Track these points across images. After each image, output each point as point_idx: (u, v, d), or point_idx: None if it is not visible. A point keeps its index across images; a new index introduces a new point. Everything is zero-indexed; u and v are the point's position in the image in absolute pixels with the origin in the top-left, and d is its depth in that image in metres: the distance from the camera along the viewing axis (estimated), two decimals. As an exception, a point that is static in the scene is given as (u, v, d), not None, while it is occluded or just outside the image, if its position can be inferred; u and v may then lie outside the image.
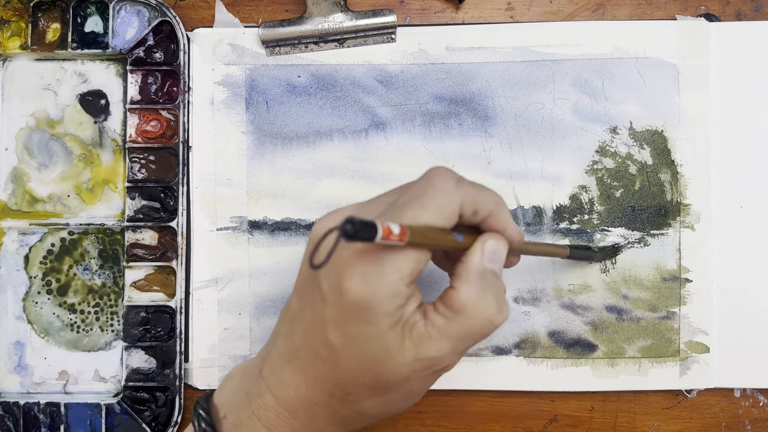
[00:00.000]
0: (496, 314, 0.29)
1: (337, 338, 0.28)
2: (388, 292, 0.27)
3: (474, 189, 0.29)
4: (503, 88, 0.43)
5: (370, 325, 0.27)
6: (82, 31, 0.43)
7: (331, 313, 0.28)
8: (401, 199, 0.28)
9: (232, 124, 0.43)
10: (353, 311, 0.27)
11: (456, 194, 0.28)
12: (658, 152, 0.42)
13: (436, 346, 0.28)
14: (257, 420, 0.31)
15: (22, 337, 0.43)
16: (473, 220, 0.29)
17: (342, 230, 0.23)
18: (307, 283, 0.30)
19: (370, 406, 0.30)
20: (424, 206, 0.27)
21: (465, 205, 0.28)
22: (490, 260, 0.29)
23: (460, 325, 0.28)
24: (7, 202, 0.43)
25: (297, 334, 0.30)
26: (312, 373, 0.29)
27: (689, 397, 0.42)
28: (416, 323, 0.28)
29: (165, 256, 0.42)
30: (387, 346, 0.27)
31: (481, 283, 0.29)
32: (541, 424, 0.42)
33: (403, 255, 0.27)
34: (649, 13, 0.43)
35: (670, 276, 0.42)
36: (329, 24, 0.42)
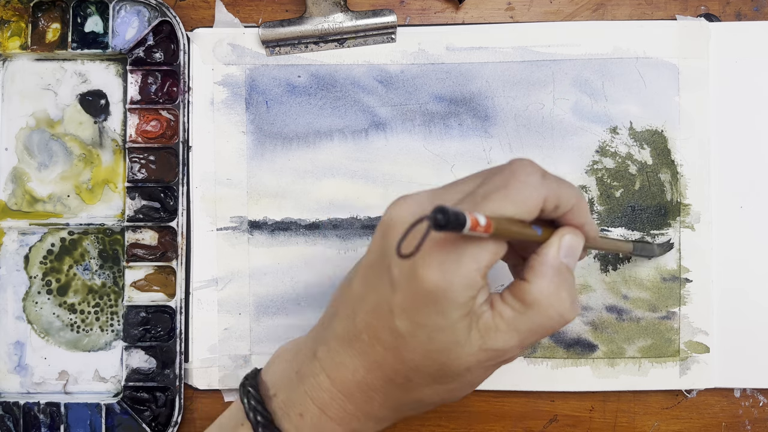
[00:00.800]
0: (569, 310, 0.28)
1: (405, 325, 0.27)
2: (464, 282, 0.26)
3: (557, 183, 0.28)
4: (503, 88, 0.43)
5: (442, 314, 0.27)
6: (82, 31, 0.43)
7: (401, 300, 0.27)
8: (482, 188, 0.27)
9: (232, 124, 0.43)
10: (426, 300, 0.26)
11: (541, 188, 0.27)
12: (658, 152, 0.42)
13: (503, 338, 0.28)
14: (310, 400, 0.30)
15: (22, 337, 0.43)
16: (553, 215, 0.29)
17: (433, 220, 0.22)
18: (375, 268, 0.29)
19: (428, 394, 0.30)
20: (508, 198, 0.26)
21: (548, 200, 0.28)
22: (566, 255, 0.29)
23: (530, 319, 0.28)
24: (7, 202, 0.43)
25: (359, 317, 0.29)
26: (372, 358, 0.29)
27: (689, 397, 0.42)
28: (483, 313, 0.28)
29: (165, 256, 0.42)
30: (455, 336, 0.27)
31: (557, 278, 0.28)
32: (541, 424, 0.42)
33: (482, 246, 0.26)
34: (649, 13, 0.43)
35: (670, 276, 0.42)
36: (329, 24, 0.42)
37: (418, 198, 0.28)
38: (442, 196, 0.28)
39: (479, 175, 0.29)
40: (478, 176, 0.29)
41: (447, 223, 0.22)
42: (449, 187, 0.29)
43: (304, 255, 0.42)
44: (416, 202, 0.28)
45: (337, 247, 0.42)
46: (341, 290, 0.31)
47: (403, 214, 0.28)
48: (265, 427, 0.30)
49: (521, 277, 0.29)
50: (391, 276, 0.27)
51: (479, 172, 0.29)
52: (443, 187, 0.29)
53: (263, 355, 0.42)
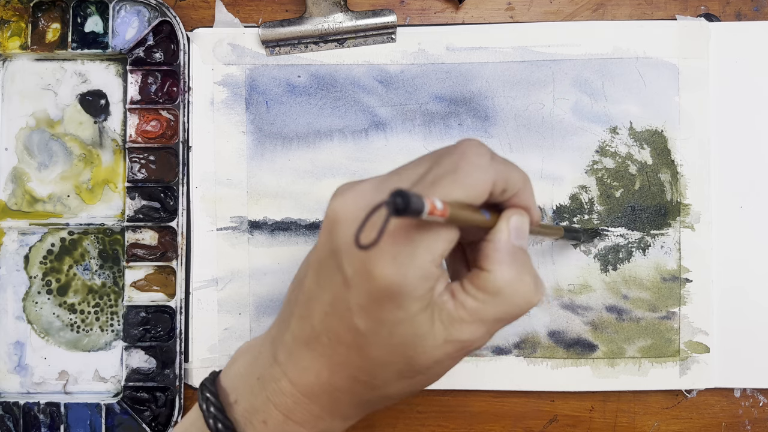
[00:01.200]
0: (534, 294, 0.27)
1: (365, 324, 0.26)
2: (419, 274, 0.25)
3: (505, 166, 0.28)
4: (503, 88, 0.43)
5: (401, 309, 0.26)
6: (82, 31, 0.43)
7: (357, 298, 0.26)
8: (431, 173, 0.26)
9: (232, 124, 0.43)
10: (383, 296, 0.25)
11: (490, 171, 0.26)
12: (658, 152, 0.42)
13: (468, 329, 0.27)
14: (273, 406, 0.29)
15: (22, 337, 0.43)
16: (500, 198, 0.28)
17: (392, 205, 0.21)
18: (326, 263, 0.27)
19: (395, 389, 0.29)
20: (457, 182, 0.25)
21: (497, 183, 0.27)
22: (517, 237, 0.28)
23: (496, 308, 0.27)
24: (7, 202, 0.43)
25: (316, 318, 0.28)
26: (334, 359, 0.28)
27: (689, 397, 0.42)
28: (445, 304, 0.27)
29: (165, 256, 0.42)
30: (417, 330, 0.26)
31: (515, 263, 0.27)
32: (541, 424, 0.42)
33: (435, 234, 0.25)
34: (649, 13, 0.43)
35: (670, 276, 0.42)
36: (329, 24, 0.42)
37: (363, 188, 0.27)
38: (389, 183, 0.27)
39: (426, 158, 0.28)
40: (425, 159, 0.28)
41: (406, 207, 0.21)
42: (394, 173, 0.27)
43: (304, 255, 0.42)
44: (361, 193, 0.26)
45: (337, 247, 0.42)
46: (293, 290, 0.30)
47: (349, 206, 0.26)
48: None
49: (478, 266, 0.28)
50: (344, 273, 0.26)
51: (426, 155, 0.28)
52: (388, 174, 0.28)
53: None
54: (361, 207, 0.26)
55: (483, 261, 0.27)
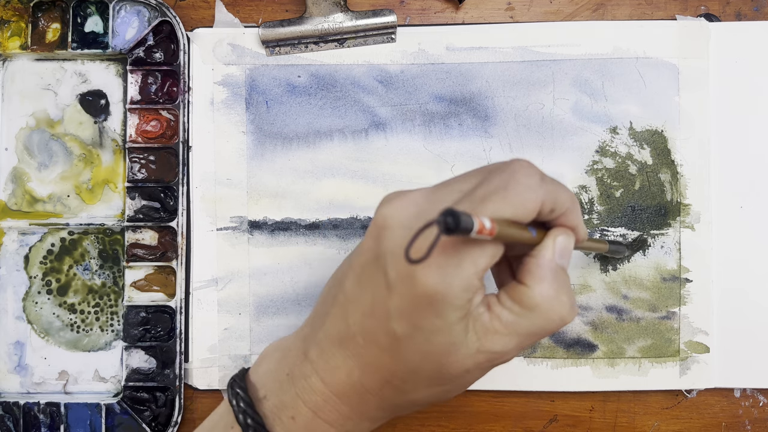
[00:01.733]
0: (569, 313, 0.28)
1: (402, 328, 0.27)
2: (462, 285, 0.26)
3: (555, 186, 0.28)
4: (503, 88, 0.43)
5: (440, 317, 0.26)
6: (82, 31, 0.43)
7: (398, 303, 0.27)
8: (481, 189, 0.27)
9: (232, 124, 0.43)
10: (423, 302, 0.26)
11: (539, 191, 0.27)
12: (658, 152, 0.42)
13: (501, 341, 0.28)
14: (302, 403, 0.30)
15: (22, 337, 0.43)
16: (547, 217, 0.29)
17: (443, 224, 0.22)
18: (369, 267, 0.28)
19: (423, 395, 0.29)
20: (507, 200, 0.26)
21: (546, 203, 0.27)
22: (560, 256, 0.29)
23: (530, 323, 0.28)
24: (7, 202, 0.43)
25: (352, 318, 0.29)
26: (367, 360, 0.29)
27: (689, 397, 0.42)
28: (480, 315, 0.27)
29: (165, 256, 0.42)
30: (452, 338, 0.27)
31: (556, 281, 0.28)
32: (541, 424, 0.42)
33: (481, 249, 0.26)
34: (649, 13, 0.43)
35: (670, 276, 0.42)
36: (329, 24, 0.42)
37: (414, 197, 0.28)
38: (438, 195, 0.28)
39: (476, 173, 0.29)
40: (474, 174, 0.28)
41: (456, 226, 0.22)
42: (445, 186, 0.28)
43: (304, 255, 0.42)
44: (412, 202, 0.27)
45: (337, 247, 0.42)
46: (332, 290, 0.31)
47: (399, 214, 0.27)
48: (256, 431, 0.30)
49: (518, 280, 0.29)
50: (387, 278, 0.27)
51: (476, 170, 0.29)
52: (438, 186, 0.29)
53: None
54: (410, 216, 0.27)
55: (524, 276, 0.28)
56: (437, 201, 0.27)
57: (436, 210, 0.27)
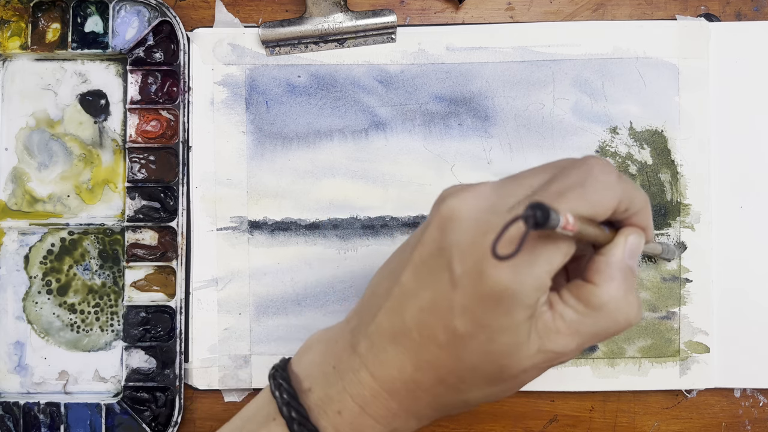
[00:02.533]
0: (636, 315, 0.27)
1: (465, 326, 0.26)
2: (535, 284, 0.25)
3: (630, 186, 0.27)
4: (503, 88, 0.43)
5: (508, 316, 0.25)
6: (82, 31, 0.43)
7: (463, 299, 0.25)
8: (555, 185, 0.26)
9: (232, 124, 0.43)
10: (491, 300, 0.25)
11: (617, 189, 0.26)
12: (658, 152, 0.42)
13: (563, 341, 0.27)
14: (349, 397, 0.29)
15: (22, 337, 0.43)
16: (620, 216, 0.28)
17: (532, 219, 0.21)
18: (431, 260, 0.27)
19: (477, 396, 0.28)
20: (585, 197, 0.25)
21: (622, 202, 0.27)
22: (630, 256, 0.28)
23: (595, 323, 0.27)
24: (7, 202, 0.43)
25: (409, 313, 0.27)
26: (423, 356, 0.27)
27: (689, 397, 0.42)
28: (543, 314, 0.27)
29: (165, 256, 0.42)
30: (517, 338, 0.26)
31: (625, 281, 0.27)
32: (541, 424, 0.42)
33: (555, 246, 0.25)
34: (649, 13, 0.43)
35: (670, 276, 0.42)
36: (329, 24, 0.42)
37: (482, 190, 0.27)
38: (508, 189, 0.27)
39: (547, 168, 0.28)
40: (545, 169, 0.27)
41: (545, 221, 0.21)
42: (513, 180, 0.27)
43: (304, 255, 0.42)
44: (481, 195, 0.26)
45: (337, 247, 0.42)
46: (383, 282, 0.29)
47: (468, 206, 0.26)
48: (301, 424, 0.28)
49: (585, 279, 0.27)
50: (452, 272, 0.26)
51: (546, 165, 0.28)
52: (505, 181, 0.27)
53: (263, 355, 0.42)
54: (481, 209, 0.26)
55: (592, 274, 0.27)
56: (507, 195, 0.26)
57: (506, 204, 0.26)
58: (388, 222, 0.42)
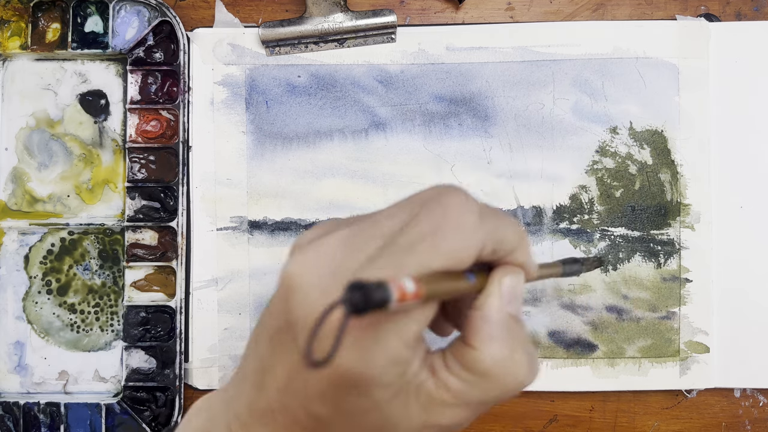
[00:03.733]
0: (527, 375, 0.23)
1: (324, 411, 0.23)
2: (387, 360, 0.21)
3: (497, 223, 0.23)
4: (503, 88, 0.43)
5: (366, 397, 0.22)
6: (82, 31, 0.43)
7: (316, 383, 0.22)
8: (406, 234, 0.22)
9: (232, 124, 0.43)
10: (343, 384, 0.22)
11: (478, 233, 0.22)
12: (658, 152, 0.42)
13: (450, 413, 0.23)
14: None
15: (22, 337, 0.43)
16: (489, 258, 0.24)
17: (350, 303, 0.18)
18: (281, 335, 0.23)
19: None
20: (437, 248, 0.21)
21: (486, 246, 0.23)
22: (510, 302, 0.24)
23: (484, 392, 0.23)
24: (7, 202, 0.43)
25: (270, 392, 0.24)
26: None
27: (689, 397, 0.42)
28: (423, 383, 0.23)
29: (165, 256, 0.42)
30: (388, 417, 0.23)
31: (508, 338, 0.23)
32: (541, 424, 0.42)
33: (407, 314, 0.21)
34: (649, 13, 0.43)
35: (670, 276, 0.42)
36: (329, 24, 0.42)
37: (327, 248, 0.22)
38: (359, 242, 0.22)
39: (405, 205, 0.24)
40: (403, 208, 0.24)
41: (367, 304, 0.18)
42: (369, 226, 0.23)
43: (304, 255, 0.42)
44: (325, 255, 0.22)
45: (337, 247, 0.42)
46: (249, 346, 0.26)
47: (308, 273, 0.22)
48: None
49: (464, 340, 0.24)
50: (301, 351, 0.22)
51: (406, 201, 0.24)
52: (361, 226, 0.23)
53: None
54: (323, 275, 0.22)
55: (470, 336, 0.23)
56: (356, 249, 0.22)
57: (355, 262, 0.22)
58: (388, 222, 0.42)
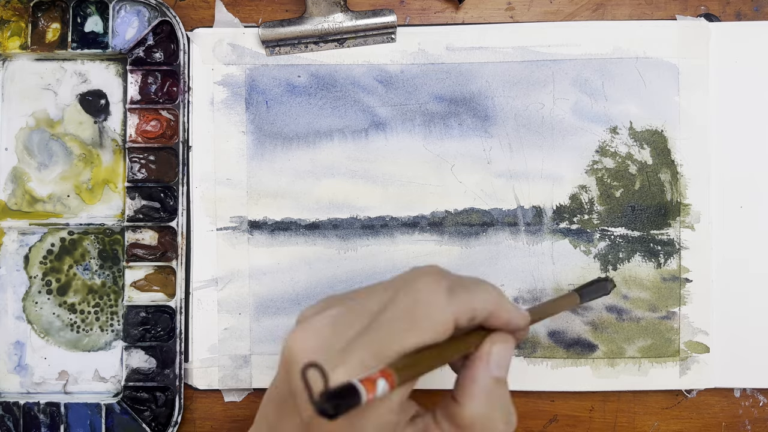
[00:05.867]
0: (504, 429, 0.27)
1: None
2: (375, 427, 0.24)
3: (468, 295, 0.26)
4: (503, 88, 0.43)
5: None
6: (82, 31, 0.43)
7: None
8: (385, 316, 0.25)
9: (232, 124, 0.43)
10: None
11: (448, 309, 0.25)
12: (658, 152, 0.42)
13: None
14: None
15: (22, 337, 0.43)
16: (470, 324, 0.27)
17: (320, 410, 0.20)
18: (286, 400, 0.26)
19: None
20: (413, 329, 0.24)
21: (460, 318, 0.26)
22: (497, 366, 0.27)
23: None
24: (7, 202, 0.43)
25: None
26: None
27: (689, 397, 0.42)
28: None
29: (165, 256, 0.42)
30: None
31: (489, 398, 0.26)
32: (541, 424, 0.42)
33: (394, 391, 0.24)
34: (649, 13, 0.43)
35: (670, 276, 0.42)
36: (329, 24, 0.42)
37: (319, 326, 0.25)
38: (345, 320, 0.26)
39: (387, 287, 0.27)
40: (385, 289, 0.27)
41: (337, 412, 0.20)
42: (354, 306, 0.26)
43: (304, 255, 0.42)
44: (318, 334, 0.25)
45: (337, 247, 0.42)
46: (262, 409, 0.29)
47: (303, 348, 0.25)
48: None
49: (452, 396, 0.27)
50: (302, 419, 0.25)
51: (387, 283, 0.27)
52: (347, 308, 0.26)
53: (263, 355, 0.42)
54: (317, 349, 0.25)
55: (457, 392, 0.27)
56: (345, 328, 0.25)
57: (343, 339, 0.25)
58: (388, 222, 0.42)
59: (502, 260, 0.42)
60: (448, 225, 0.42)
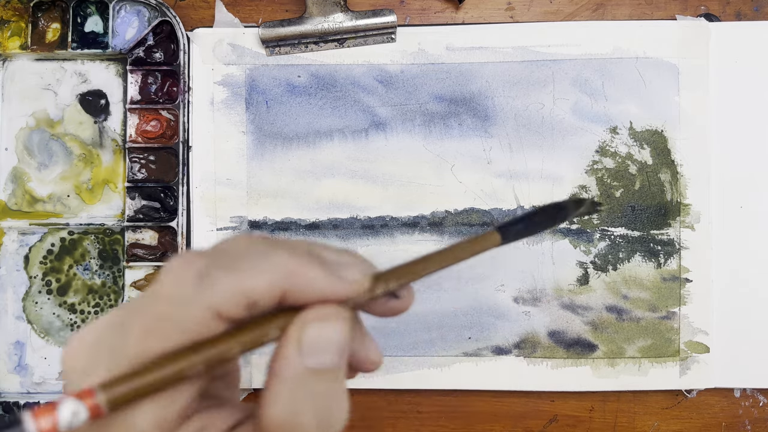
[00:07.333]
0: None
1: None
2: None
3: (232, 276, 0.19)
4: (503, 88, 0.43)
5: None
6: (82, 31, 0.43)
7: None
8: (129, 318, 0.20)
9: (232, 124, 0.43)
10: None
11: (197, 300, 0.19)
12: (658, 152, 0.42)
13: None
14: None
15: (22, 337, 0.43)
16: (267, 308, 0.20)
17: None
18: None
19: None
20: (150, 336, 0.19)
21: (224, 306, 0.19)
22: (313, 353, 0.20)
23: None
24: (7, 202, 0.43)
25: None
26: None
27: (689, 397, 0.42)
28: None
29: (165, 256, 0.42)
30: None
31: (295, 396, 0.20)
32: (541, 424, 0.42)
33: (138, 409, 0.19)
34: (649, 13, 0.43)
35: (670, 276, 0.42)
36: (329, 24, 0.42)
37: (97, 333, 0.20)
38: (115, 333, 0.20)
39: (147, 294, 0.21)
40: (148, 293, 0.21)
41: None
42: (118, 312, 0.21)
43: (304, 255, 0.42)
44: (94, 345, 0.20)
45: (337, 247, 0.42)
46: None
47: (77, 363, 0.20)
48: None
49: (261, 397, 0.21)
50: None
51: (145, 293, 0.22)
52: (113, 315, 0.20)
53: (263, 355, 0.42)
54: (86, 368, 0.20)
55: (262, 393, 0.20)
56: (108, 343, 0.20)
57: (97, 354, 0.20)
58: (388, 222, 0.42)
59: (502, 260, 0.42)
60: (448, 225, 0.42)
